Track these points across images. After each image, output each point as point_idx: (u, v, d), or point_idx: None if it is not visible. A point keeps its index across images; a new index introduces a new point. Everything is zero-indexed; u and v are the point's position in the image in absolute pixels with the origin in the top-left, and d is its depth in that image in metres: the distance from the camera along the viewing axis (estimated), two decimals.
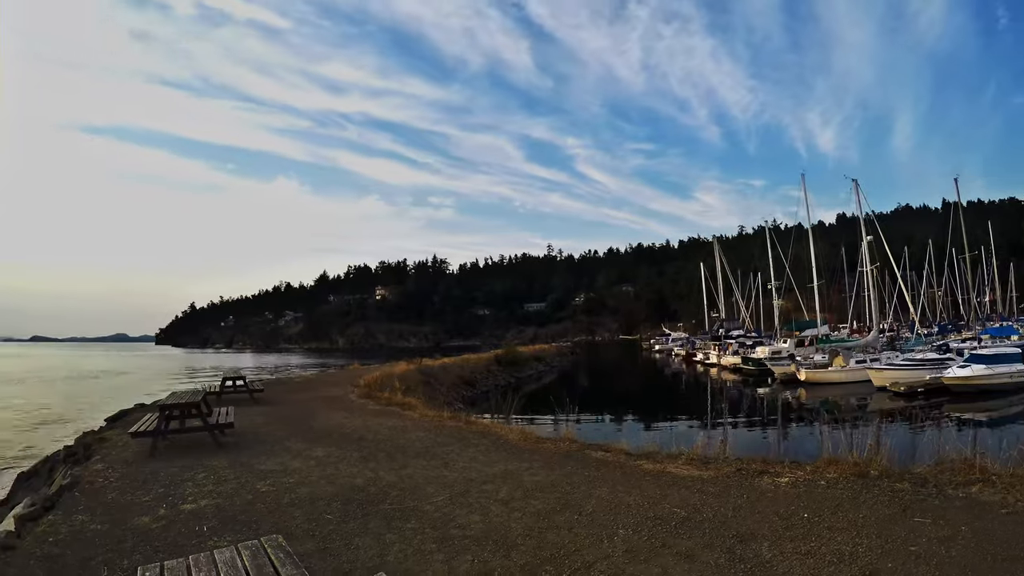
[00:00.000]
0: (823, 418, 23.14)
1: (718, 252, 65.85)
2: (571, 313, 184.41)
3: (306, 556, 4.97)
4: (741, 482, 7.66)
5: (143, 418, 12.02)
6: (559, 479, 8.05)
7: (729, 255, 70.09)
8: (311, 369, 53.49)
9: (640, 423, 23.01)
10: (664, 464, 8.79)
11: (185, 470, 8.88)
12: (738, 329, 61.30)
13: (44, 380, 50.19)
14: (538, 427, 18.44)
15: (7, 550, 5.96)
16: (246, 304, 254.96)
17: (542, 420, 21.33)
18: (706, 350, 58.16)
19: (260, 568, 3.57)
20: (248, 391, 18.38)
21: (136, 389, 34.63)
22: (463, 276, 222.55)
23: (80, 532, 6.22)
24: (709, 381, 41.74)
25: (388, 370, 27.09)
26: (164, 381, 42.93)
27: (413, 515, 6.53)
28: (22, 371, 64.25)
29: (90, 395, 35.65)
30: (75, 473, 9.29)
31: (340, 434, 11.91)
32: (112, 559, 5.44)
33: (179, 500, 7.27)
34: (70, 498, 7.57)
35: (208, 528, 6.17)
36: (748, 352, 46.56)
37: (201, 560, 3.74)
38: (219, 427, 11.18)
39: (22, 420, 24.78)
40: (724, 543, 5.47)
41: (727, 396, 33.26)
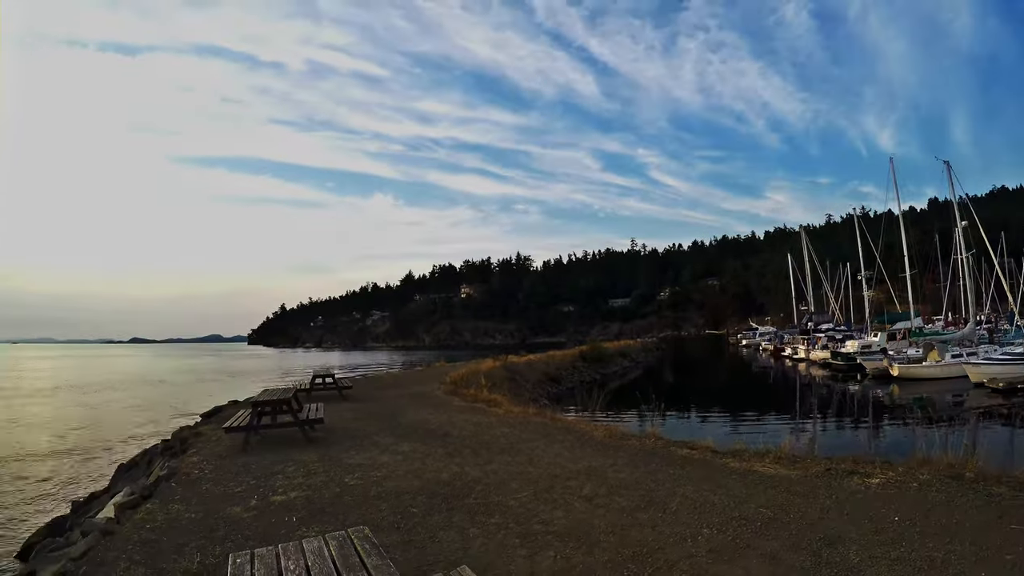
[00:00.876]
0: (916, 416, 21.88)
1: (805, 242, 63.45)
2: (656, 308, 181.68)
3: (391, 548, 5.00)
4: (830, 482, 7.36)
5: (236, 414, 12.46)
6: (643, 476, 7.91)
7: (817, 245, 67.70)
8: (398, 367, 54.58)
9: (726, 420, 22.37)
10: (751, 462, 8.55)
11: (276, 463, 9.15)
12: (827, 322, 58.75)
13: (143, 379, 53.03)
14: (623, 423, 18.25)
15: (107, 535, 6.27)
16: (334, 305, 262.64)
17: (627, 416, 21.04)
18: (794, 344, 56.24)
19: (346, 558, 3.57)
20: (337, 388, 18.81)
21: (229, 387, 36.18)
22: (547, 273, 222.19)
23: (175, 520, 6.47)
24: (798, 377, 40.35)
25: (474, 367, 27.27)
26: (256, 379, 44.61)
27: (497, 510, 6.51)
28: (121, 371, 68.03)
29: (186, 393, 37.36)
30: (172, 465, 9.71)
31: (426, 430, 12.06)
32: (205, 546, 5.64)
33: (270, 492, 7.48)
34: (167, 488, 7.90)
35: (297, 519, 6.32)
36: (838, 346, 44.83)
37: (290, 549, 3.77)
38: (309, 423, 11.48)
39: (123, 416, 26.22)
40: (810, 546, 5.24)
41: (816, 392, 31.93)
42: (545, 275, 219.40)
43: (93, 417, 25.89)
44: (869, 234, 47.38)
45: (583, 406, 19.85)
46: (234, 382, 43.82)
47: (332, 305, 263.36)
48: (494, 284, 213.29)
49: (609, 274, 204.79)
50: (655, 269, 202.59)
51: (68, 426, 22.88)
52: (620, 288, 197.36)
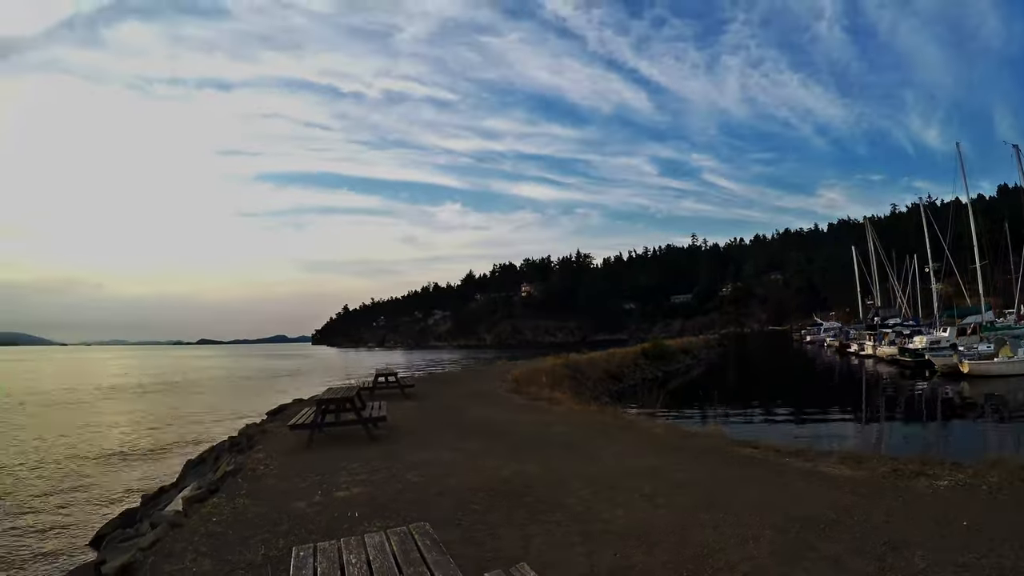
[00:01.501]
0: (987, 415, 20.91)
1: (870, 234, 61.28)
2: (718, 304, 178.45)
3: (451, 544, 4.99)
4: (896, 484, 7.07)
5: (301, 412, 12.71)
6: (705, 475, 7.76)
7: (883, 237, 65.30)
8: (460, 365, 55.00)
9: (790, 419, 21.74)
10: (815, 462, 8.31)
11: (339, 460, 9.28)
12: (894, 317, 56.35)
13: (212, 378, 54.76)
14: (685, 421, 17.99)
15: (175, 527, 6.47)
16: (396, 305, 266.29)
17: (689, 414, 20.74)
18: (860, 340, 54.15)
19: (407, 553, 3.59)
20: (399, 387, 19.01)
21: (294, 385, 37.03)
22: (607, 270, 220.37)
23: (241, 514, 6.63)
24: (864, 374, 38.83)
25: (535, 365, 27.25)
26: (320, 378, 45.51)
27: (557, 508, 6.47)
28: (191, 370, 70.31)
29: (252, 391, 38.41)
30: (238, 461, 9.96)
31: (488, 427, 12.10)
32: (269, 539, 5.76)
33: (333, 488, 7.60)
34: (233, 483, 8.11)
35: (359, 514, 6.40)
36: (905, 342, 42.79)
37: (352, 543, 3.81)
38: (372, 420, 11.65)
39: (192, 413, 27.10)
40: (874, 550, 5.03)
41: (882, 390, 30.75)
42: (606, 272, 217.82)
43: (164, 415, 26.81)
44: (936, 224, 45.57)
45: (645, 404, 19.62)
46: (298, 381, 44.80)
47: (394, 305, 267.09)
48: (554, 282, 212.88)
49: (670, 270, 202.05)
50: (716, 264, 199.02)
51: (141, 423, 23.79)
52: (681, 284, 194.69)
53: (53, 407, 31.67)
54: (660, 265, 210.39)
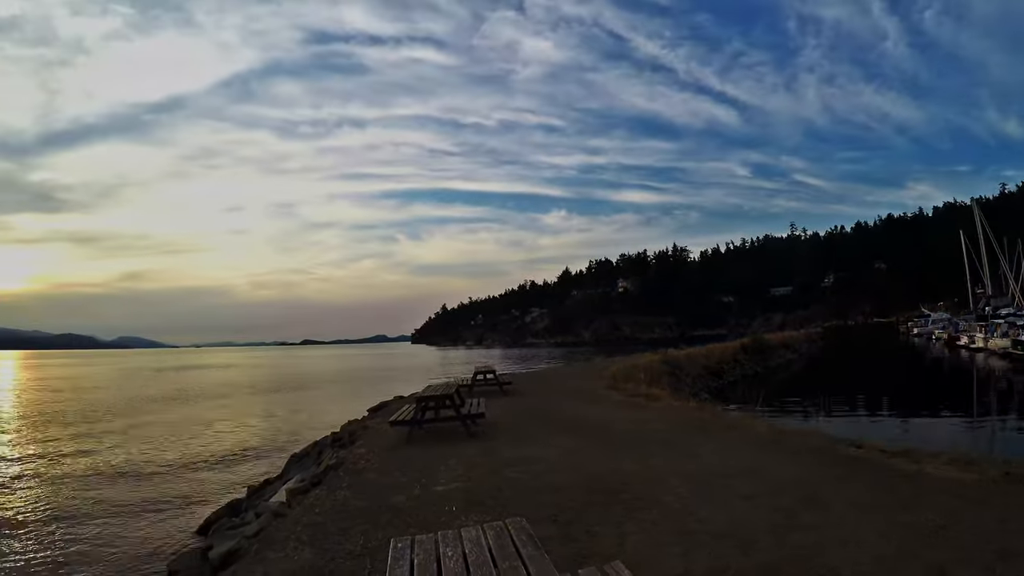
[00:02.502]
0: None
1: (979, 216, 57.24)
2: (820, 296, 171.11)
3: (546, 540, 4.96)
4: (1008, 488, 6.58)
5: (401, 408, 13.00)
6: (806, 475, 7.44)
7: (993, 220, 60.79)
8: (557, 362, 55.01)
9: (896, 417, 20.54)
10: (921, 464, 7.80)
11: (438, 456, 9.43)
12: (1007, 306, 52.43)
13: (317, 377, 56.80)
14: (786, 419, 17.36)
15: (279, 517, 6.73)
16: (494, 303, 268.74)
17: (790, 411, 19.98)
18: (970, 332, 50.64)
19: (503, 548, 3.58)
20: (498, 384, 19.17)
21: (394, 383, 37.93)
22: (704, 264, 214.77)
23: (342, 506, 6.82)
24: (974, 368, 36.58)
25: (633, 361, 26.96)
26: (420, 375, 46.37)
27: (653, 506, 6.35)
28: (296, 369, 73.07)
29: (354, 388, 39.56)
30: (340, 455, 10.28)
31: (585, 424, 12.03)
32: (368, 530, 5.90)
33: (431, 483, 7.72)
34: (334, 477, 8.37)
35: (457, 508, 6.48)
36: (1019, 334, 39.90)
37: (449, 536, 3.83)
38: (471, 417, 11.72)
39: (298, 410, 28.19)
40: (982, 559, 4.67)
41: (995, 386, 28.59)
42: (703, 266, 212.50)
43: (271, 411, 28.02)
44: None
45: (745, 400, 19.06)
46: (399, 378, 45.82)
47: (492, 304, 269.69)
48: (651, 277, 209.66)
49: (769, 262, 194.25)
50: (817, 254, 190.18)
51: (250, 419, 24.93)
52: (781, 276, 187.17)
53: (173, 404, 33.64)
54: (758, 257, 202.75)
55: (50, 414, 29.49)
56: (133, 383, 53.48)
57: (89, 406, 33.09)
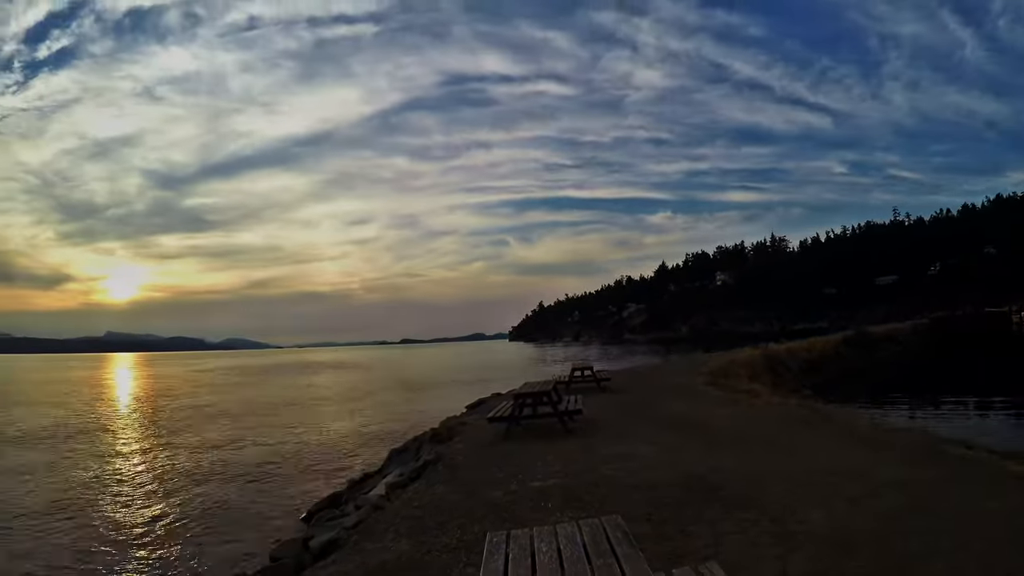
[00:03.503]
0: None
1: None
2: (926, 284, 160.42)
3: (641, 538, 4.86)
4: None
5: (499, 405, 13.11)
6: (911, 477, 6.99)
7: None
8: (655, 358, 54.23)
9: (1010, 416, 19.06)
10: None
11: (535, 452, 9.46)
12: None
13: (413, 374, 58.02)
14: (890, 416, 16.46)
15: (378, 510, 6.91)
16: (590, 300, 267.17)
17: (895, 408, 18.90)
18: None
19: (597, 544, 3.56)
20: (595, 380, 19.02)
21: (492, 380, 38.17)
22: (804, 254, 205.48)
23: (439, 500, 6.94)
24: None
25: (732, 356, 26.28)
26: (517, 373, 46.59)
27: (751, 506, 6.14)
28: (394, 368, 74.85)
29: (452, 385, 40.12)
30: (439, 451, 10.44)
31: (683, 421, 11.81)
32: (465, 524, 5.99)
33: (528, 479, 7.75)
34: (433, 471, 8.52)
35: (552, 505, 6.48)
36: None
37: (544, 532, 3.84)
38: (568, 414, 11.71)
39: (399, 406, 28.83)
40: None
41: None
42: (802, 255, 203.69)
43: (373, 407, 28.77)
44: None
45: (847, 397, 18.18)
46: (496, 376, 46.10)
47: (588, 300, 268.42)
48: (749, 269, 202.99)
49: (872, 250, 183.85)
50: (922, 241, 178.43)
51: (353, 416, 25.67)
52: (885, 265, 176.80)
53: (281, 402, 35.10)
54: (861, 245, 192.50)
55: (163, 412, 31.34)
56: (231, 382, 56.14)
57: (203, 403, 34.98)
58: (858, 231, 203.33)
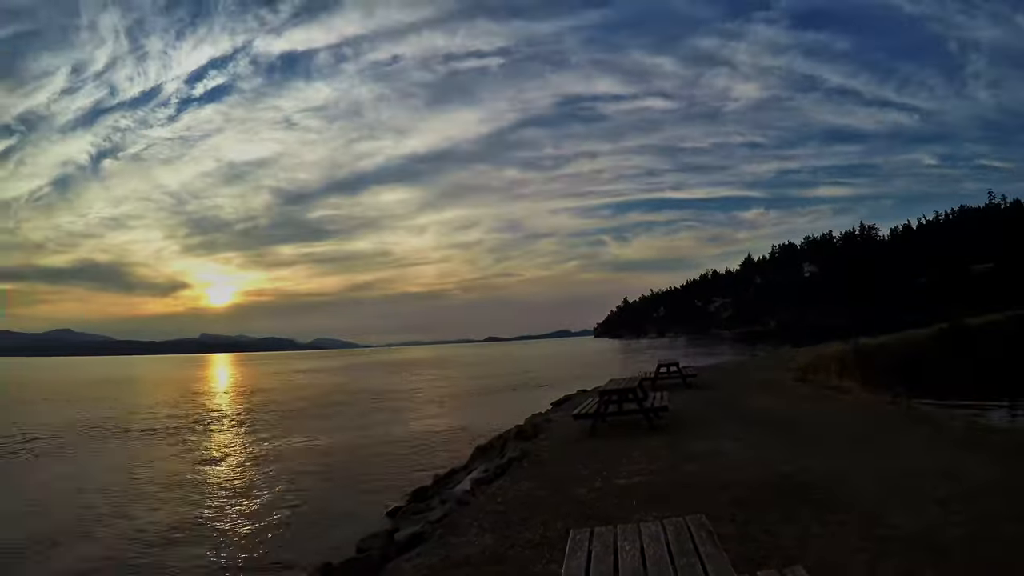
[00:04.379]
0: None
1: None
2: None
3: (725, 538, 4.74)
4: None
5: (584, 402, 13.06)
6: (1012, 480, 6.54)
7: None
8: (741, 353, 52.97)
9: None
10: None
11: (620, 449, 9.39)
12: None
13: (497, 370, 58.46)
14: (989, 415, 15.43)
15: (463, 505, 7.00)
16: (675, 294, 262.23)
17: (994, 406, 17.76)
18: None
19: (681, 544, 3.52)
20: (681, 377, 18.79)
21: (577, 377, 38.05)
22: (895, 242, 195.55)
23: (524, 496, 6.98)
24: None
25: (820, 351, 25.46)
26: (602, 370, 46.28)
27: (840, 507, 5.87)
28: (480, 364, 75.57)
29: (538, 383, 40.20)
30: (524, 447, 10.49)
31: (770, 418, 11.50)
32: (548, 521, 6.00)
33: (613, 476, 7.71)
34: (518, 468, 8.56)
35: (637, 503, 6.41)
36: None
37: (627, 530, 3.83)
38: (654, 411, 11.58)
39: (485, 403, 29.11)
40: None
41: None
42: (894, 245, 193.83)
43: (458, 403, 29.14)
44: None
45: (942, 393, 17.17)
46: (582, 372, 45.93)
47: (673, 295, 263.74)
48: (838, 260, 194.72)
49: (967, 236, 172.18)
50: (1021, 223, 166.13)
51: (440, 412, 26.08)
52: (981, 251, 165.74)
53: (372, 397, 36.03)
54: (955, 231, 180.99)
55: (256, 409, 32.62)
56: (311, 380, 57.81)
57: (290, 400, 36.27)
58: (952, 215, 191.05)
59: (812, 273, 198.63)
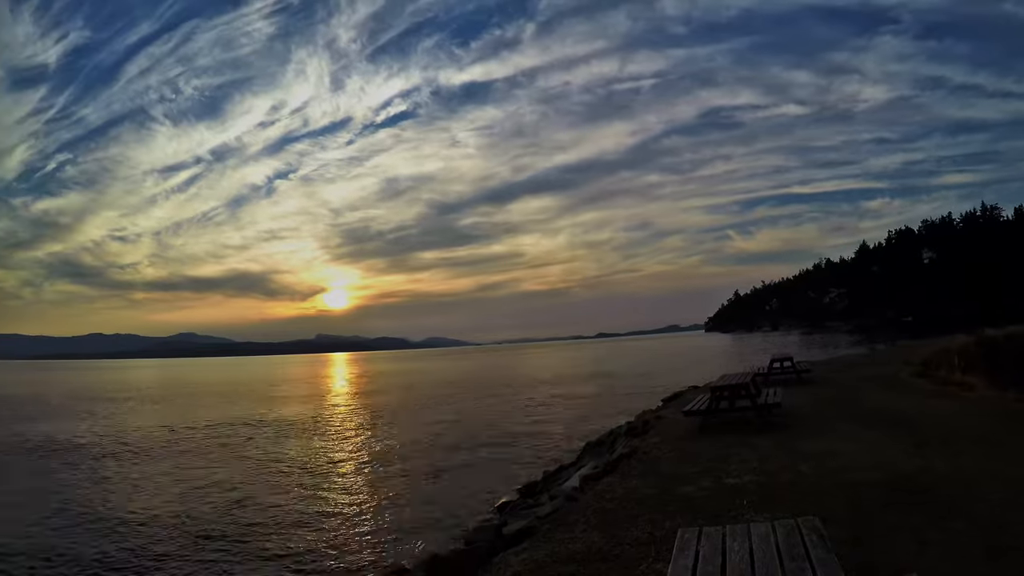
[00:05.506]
0: None
1: None
2: None
3: (838, 542, 4.52)
4: None
5: (695, 399, 12.85)
6: None
7: None
8: (858, 346, 50.50)
9: None
10: None
11: (731, 447, 9.19)
12: None
13: (609, 366, 58.08)
14: None
15: (571, 501, 7.04)
16: (788, 286, 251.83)
17: None
18: None
19: (791, 547, 3.42)
20: (795, 372, 18.26)
21: (688, 372, 37.38)
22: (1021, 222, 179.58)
23: (632, 493, 6.94)
24: None
25: (942, 344, 23.77)
26: (713, 365, 45.22)
27: (961, 514, 5.47)
28: (589, 361, 75.24)
29: (648, 379, 39.68)
30: (633, 444, 10.42)
31: (889, 416, 10.93)
32: (656, 519, 5.95)
33: (722, 474, 7.55)
34: (627, 465, 8.52)
35: (747, 502, 6.26)
36: None
37: (736, 530, 3.76)
38: (766, 407, 11.31)
39: (597, 399, 29.00)
40: None
41: None
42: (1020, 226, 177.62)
43: (568, 401, 29.14)
44: None
45: None
46: (692, 367, 45.10)
47: (786, 287, 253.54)
48: (960, 244, 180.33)
49: None
50: None
51: (546, 408, 26.22)
52: None
53: (489, 392, 36.63)
54: None
55: (375, 405, 33.77)
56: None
57: (407, 397, 37.38)
58: None
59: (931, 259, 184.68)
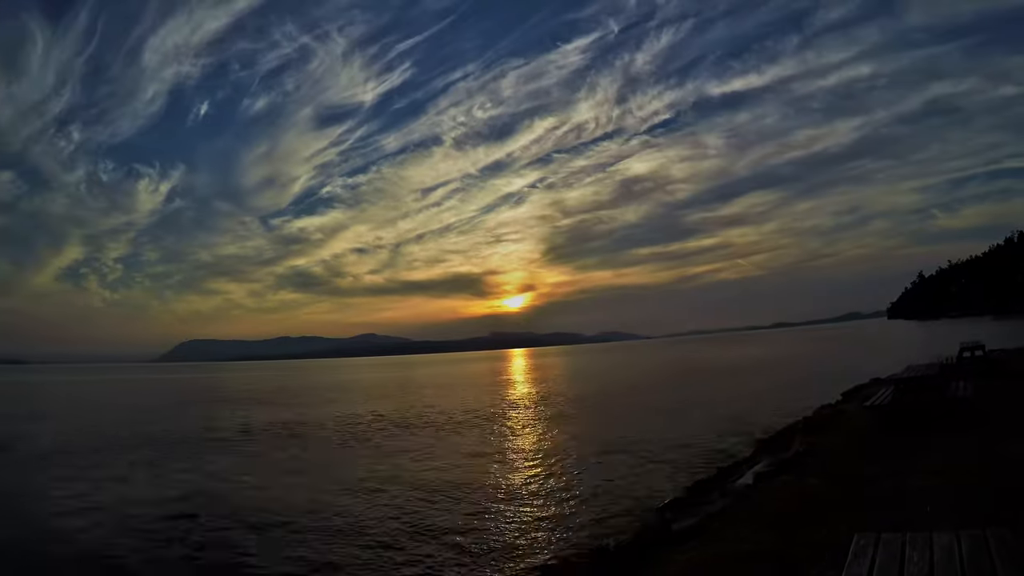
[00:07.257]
0: None
1: None
2: None
3: None
4: None
5: (877, 392, 12.06)
6: None
7: None
8: None
9: None
10: None
11: (916, 446, 8.59)
12: None
13: (783, 357, 55.33)
14: None
15: (743, 499, 7.02)
16: (978, 264, 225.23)
17: None
18: None
19: (977, 563, 3.14)
20: (988, 362, 16.77)
21: (868, 363, 34.73)
22: None
23: (808, 493, 6.80)
24: None
25: None
26: (896, 353, 41.64)
27: None
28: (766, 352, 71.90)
29: (825, 370, 37.34)
30: (810, 441, 9.96)
31: None
32: (832, 521, 5.70)
33: (907, 475, 7.05)
34: (803, 463, 8.17)
35: (932, 508, 5.78)
36: None
37: (917, 539, 3.53)
38: (955, 402, 10.48)
39: (770, 392, 27.75)
40: None
41: None
42: None
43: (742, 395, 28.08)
44: None
45: None
46: (874, 357, 41.85)
47: (976, 265, 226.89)
48: None
49: None
50: None
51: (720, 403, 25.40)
52: None
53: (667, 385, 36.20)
54: None
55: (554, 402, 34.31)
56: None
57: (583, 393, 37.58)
58: None
59: None
